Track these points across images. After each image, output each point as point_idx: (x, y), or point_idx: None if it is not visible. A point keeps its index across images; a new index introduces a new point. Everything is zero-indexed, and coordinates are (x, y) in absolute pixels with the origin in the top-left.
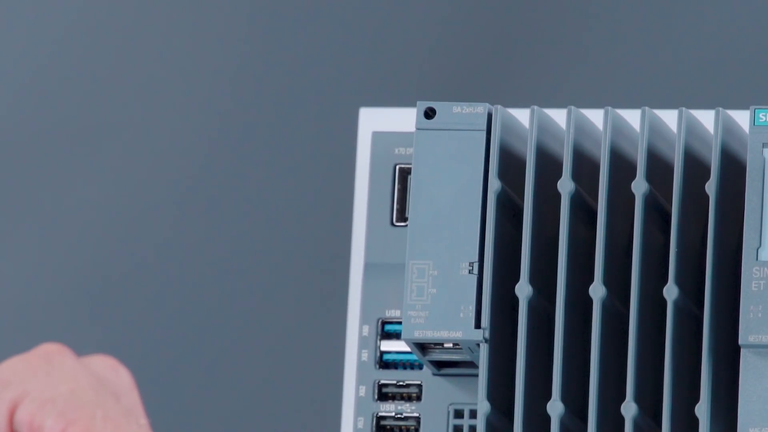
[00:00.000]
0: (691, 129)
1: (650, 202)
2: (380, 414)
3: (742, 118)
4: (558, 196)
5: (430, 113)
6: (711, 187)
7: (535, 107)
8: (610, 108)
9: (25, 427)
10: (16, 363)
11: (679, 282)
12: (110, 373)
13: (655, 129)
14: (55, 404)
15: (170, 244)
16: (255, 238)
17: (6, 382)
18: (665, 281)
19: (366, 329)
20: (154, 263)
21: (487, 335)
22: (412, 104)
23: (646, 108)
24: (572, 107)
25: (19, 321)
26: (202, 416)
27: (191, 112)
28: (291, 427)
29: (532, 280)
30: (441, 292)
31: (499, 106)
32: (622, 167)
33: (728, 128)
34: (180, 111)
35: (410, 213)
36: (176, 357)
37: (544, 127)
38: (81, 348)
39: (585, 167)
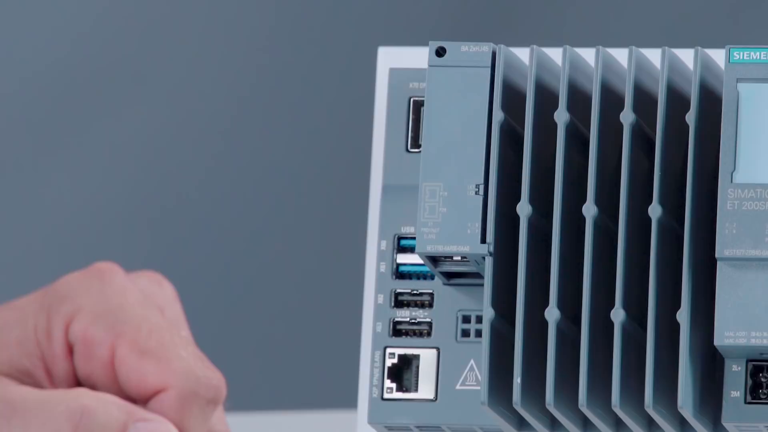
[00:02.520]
0: (673, 66)
1: (637, 131)
2: (396, 319)
3: (719, 56)
4: (555, 125)
5: (441, 52)
6: (691, 118)
7: (535, 47)
8: (601, 47)
9: (78, 339)
10: (71, 279)
11: (662, 202)
12: (155, 287)
13: (641, 66)
14: (106, 318)
15: (201, 172)
16: (286, 164)
17: (63, 297)
18: (650, 201)
19: (384, 244)
20: (185, 190)
21: (491, 249)
22: (425, 44)
23: (633, 47)
24: (567, 47)
25: (75, 243)
26: (232, 326)
27: (213, 52)
28: (315, 333)
29: (532, 201)
30: (450, 211)
31: (502, 46)
32: (612, 100)
33: (706, 65)
34: (200, 48)
35: (423, 140)
36: (209, 275)
37: (542, 64)
38: (129, 266)
39: (579, 100)
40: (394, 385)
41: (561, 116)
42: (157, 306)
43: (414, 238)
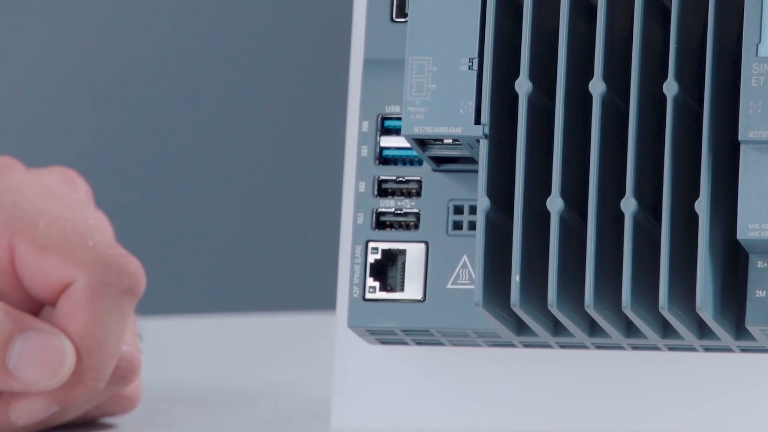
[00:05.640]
0: None
1: None
2: (380, 210)
3: None
4: None
5: None
6: None
7: None
8: None
9: None
10: None
11: (679, 78)
12: (64, 186)
13: None
14: None
15: (170, 45)
16: (258, 35)
17: None
18: (665, 77)
19: (366, 125)
20: (153, 57)
21: (486, 131)
22: None
23: None
24: None
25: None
26: (200, 219)
27: None
28: (289, 226)
29: (532, 76)
30: (441, 88)
31: None
32: None
33: None
34: None
35: (410, 8)
36: (178, 173)
37: None
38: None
39: None
40: (377, 284)
41: None
42: (65, 204)
43: (399, 119)
